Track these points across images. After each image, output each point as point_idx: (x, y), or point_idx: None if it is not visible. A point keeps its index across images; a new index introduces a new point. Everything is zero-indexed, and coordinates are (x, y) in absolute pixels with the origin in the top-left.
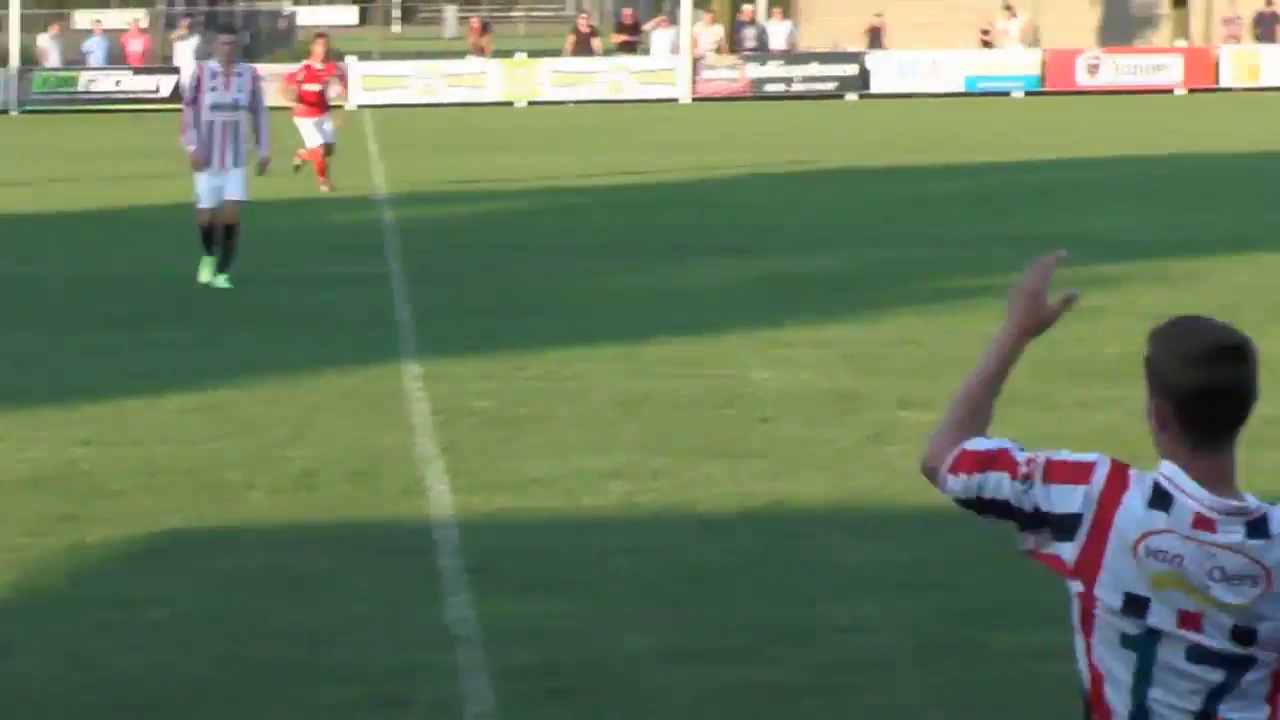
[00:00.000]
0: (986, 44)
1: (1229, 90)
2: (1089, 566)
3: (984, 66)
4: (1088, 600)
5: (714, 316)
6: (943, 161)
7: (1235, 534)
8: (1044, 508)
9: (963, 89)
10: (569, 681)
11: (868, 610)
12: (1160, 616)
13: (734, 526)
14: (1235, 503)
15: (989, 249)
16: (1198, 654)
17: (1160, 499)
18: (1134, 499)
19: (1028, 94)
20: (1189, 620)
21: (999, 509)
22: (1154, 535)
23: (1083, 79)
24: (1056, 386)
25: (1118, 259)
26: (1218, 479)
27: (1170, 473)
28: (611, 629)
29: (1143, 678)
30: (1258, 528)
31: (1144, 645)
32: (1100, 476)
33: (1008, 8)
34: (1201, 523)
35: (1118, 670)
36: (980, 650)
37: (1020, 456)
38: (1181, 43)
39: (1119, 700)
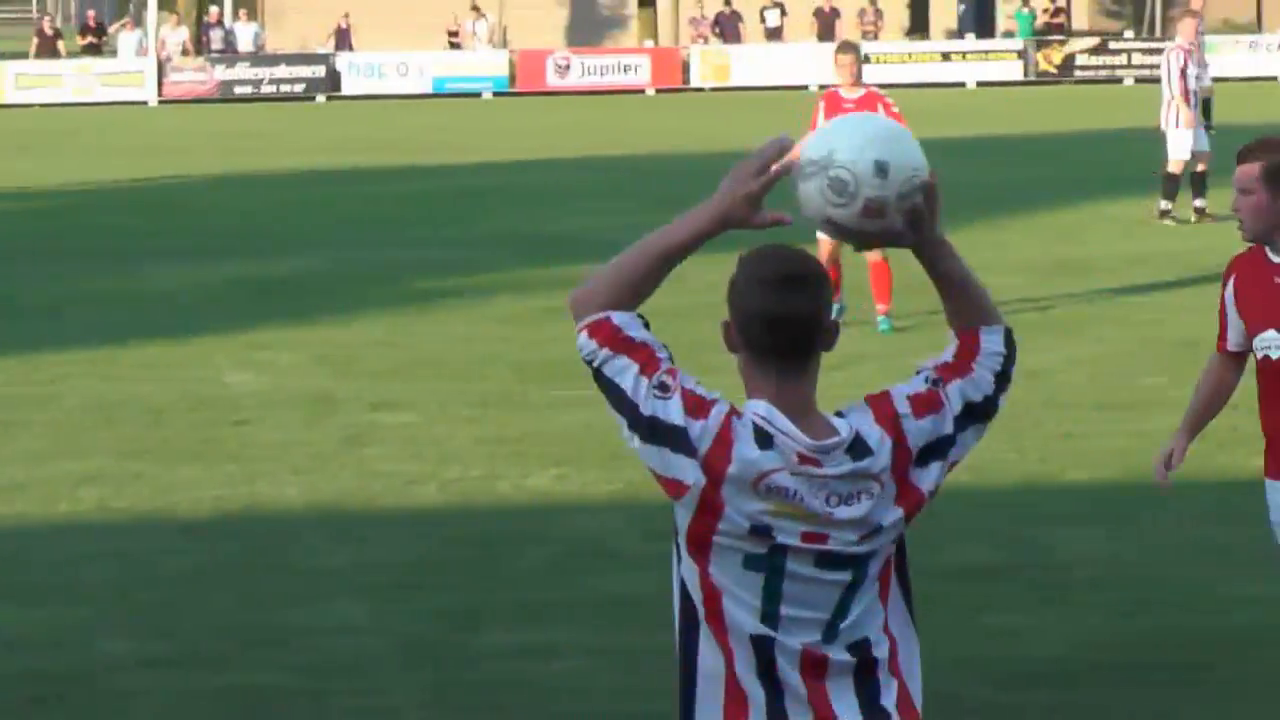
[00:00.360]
0: (455, 45)
1: (699, 90)
2: (711, 498)
3: (453, 67)
4: (703, 527)
5: (188, 320)
6: (413, 162)
7: (842, 464)
8: (665, 419)
9: (431, 90)
10: (49, 689)
11: (349, 612)
12: (786, 537)
13: (212, 530)
14: (829, 440)
15: (462, 250)
16: (826, 561)
17: (764, 439)
18: (745, 440)
19: (497, 95)
20: (814, 537)
21: (613, 392)
22: (770, 474)
23: (553, 80)
24: (531, 387)
25: (594, 258)
26: (800, 407)
27: (765, 412)
28: (90, 635)
29: (772, 596)
30: (859, 449)
31: (771, 562)
32: (718, 414)
33: (475, 8)
34: (806, 460)
35: (742, 592)
36: (462, 650)
37: (664, 364)
38: (650, 43)
39: (747, 615)
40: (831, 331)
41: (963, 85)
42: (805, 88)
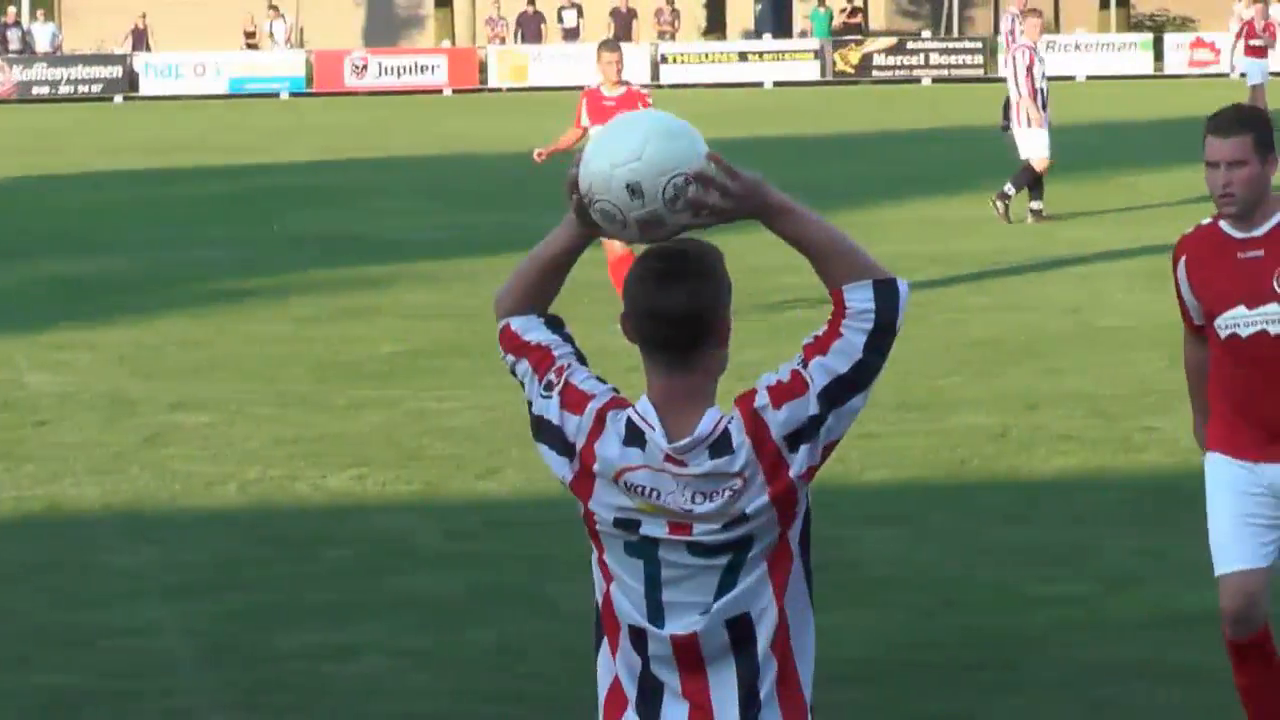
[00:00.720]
0: (252, 46)
1: (497, 90)
2: (583, 490)
3: (250, 68)
4: (589, 517)
5: None
6: (211, 163)
7: (703, 463)
8: (547, 417)
9: (228, 91)
10: None
11: (149, 613)
12: (652, 529)
13: (11, 532)
14: (690, 439)
15: (262, 250)
16: (698, 549)
17: (634, 436)
18: (610, 437)
19: (294, 95)
20: (679, 529)
21: (523, 394)
22: (630, 471)
23: (350, 80)
24: (332, 387)
25: (389, 259)
26: (683, 402)
27: (643, 410)
28: None
29: (653, 583)
30: (720, 446)
31: (645, 550)
32: (591, 410)
33: (273, 7)
34: (671, 459)
35: (628, 577)
36: (264, 650)
37: (557, 361)
38: (447, 43)
39: (631, 604)
40: (720, 328)
41: (760, 85)
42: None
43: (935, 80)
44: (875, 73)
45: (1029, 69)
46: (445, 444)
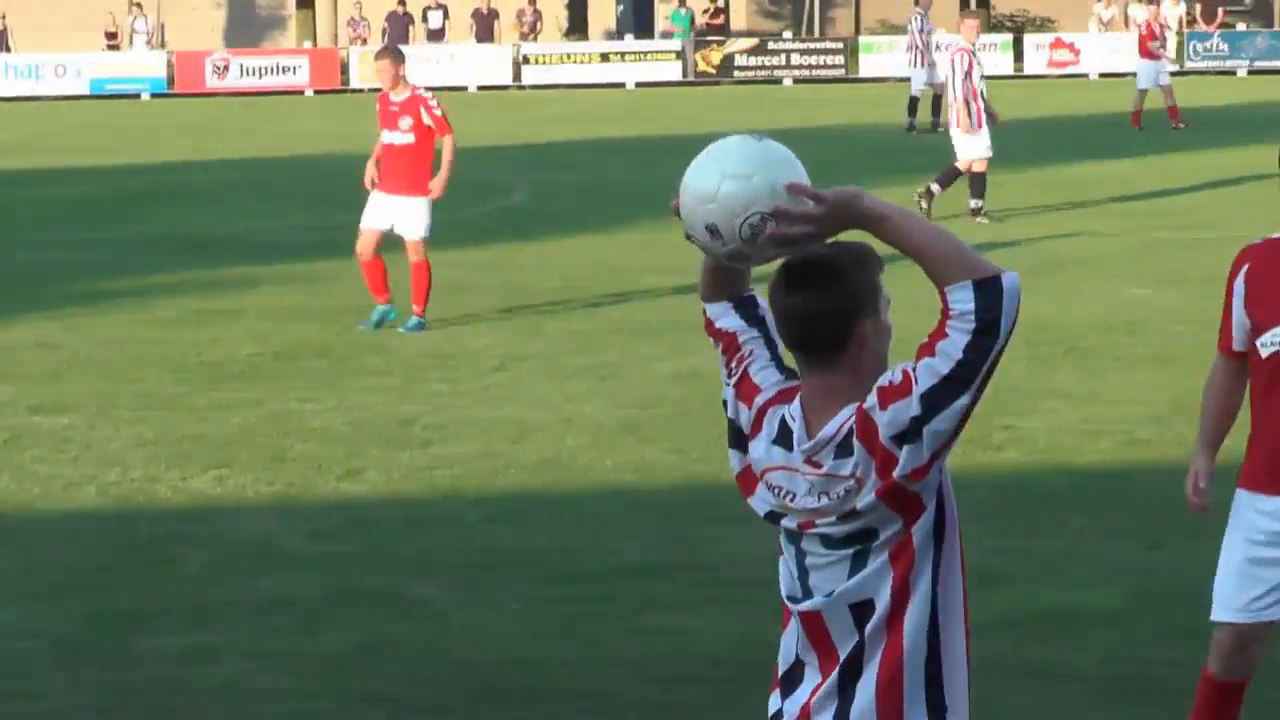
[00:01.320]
0: (113, 47)
1: (359, 91)
2: (746, 485)
3: (111, 69)
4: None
5: None
6: (70, 164)
7: (828, 463)
8: (728, 403)
9: (89, 92)
10: None
11: (8, 617)
12: (789, 523)
13: None
14: (815, 440)
15: (123, 251)
16: (828, 541)
17: (783, 435)
18: (763, 436)
19: (155, 96)
20: (807, 525)
21: None
22: (771, 471)
23: (212, 81)
24: (193, 388)
25: (250, 260)
26: (819, 400)
27: (794, 410)
28: None
29: (803, 568)
30: (844, 447)
31: (793, 538)
32: (756, 404)
33: (137, 4)
34: (809, 460)
35: (789, 560)
36: (124, 653)
37: (741, 348)
38: (309, 44)
39: (785, 584)
40: (855, 331)
41: (622, 86)
42: (465, 89)
43: (796, 81)
44: (737, 73)
45: (967, 72)
46: (307, 445)
